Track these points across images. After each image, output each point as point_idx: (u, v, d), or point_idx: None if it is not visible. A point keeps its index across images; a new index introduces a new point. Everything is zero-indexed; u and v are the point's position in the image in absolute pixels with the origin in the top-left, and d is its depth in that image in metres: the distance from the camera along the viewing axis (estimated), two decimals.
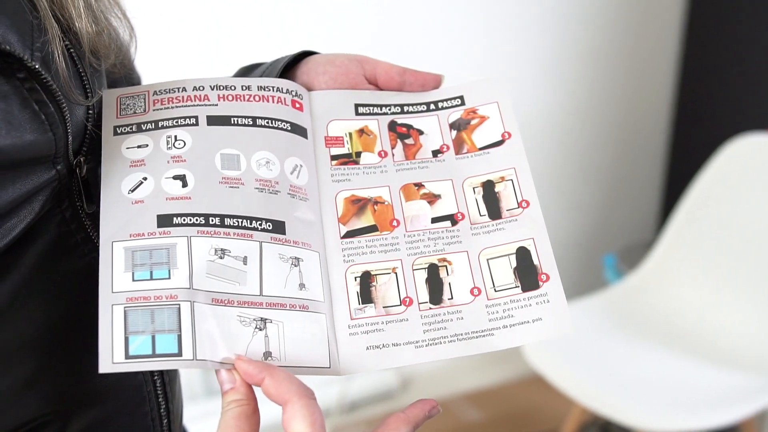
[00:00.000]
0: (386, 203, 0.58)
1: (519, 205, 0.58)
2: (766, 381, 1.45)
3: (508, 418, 1.96)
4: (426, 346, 0.53)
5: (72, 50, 0.51)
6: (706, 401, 1.44)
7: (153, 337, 0.48)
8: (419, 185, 0.59)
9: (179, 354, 0.47)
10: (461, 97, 0.63)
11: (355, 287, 0.55)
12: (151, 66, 0.80)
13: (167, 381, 0.58)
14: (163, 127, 0.56)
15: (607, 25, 1.96)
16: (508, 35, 1.86)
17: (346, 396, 1.92)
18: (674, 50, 2.07)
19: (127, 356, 0.47)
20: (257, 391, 0.49)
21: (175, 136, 0.56)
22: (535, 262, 0.55)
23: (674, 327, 1.66)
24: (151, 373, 0.57)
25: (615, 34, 1.98)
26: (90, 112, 0.53)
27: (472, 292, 0.55)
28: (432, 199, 0.59)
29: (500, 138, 0.61)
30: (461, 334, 0.54)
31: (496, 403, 1.99)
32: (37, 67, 0.47)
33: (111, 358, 0.47)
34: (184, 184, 0.54)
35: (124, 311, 0.48)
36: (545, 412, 1.96)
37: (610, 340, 1.62)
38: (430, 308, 0.55)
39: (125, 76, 0.65)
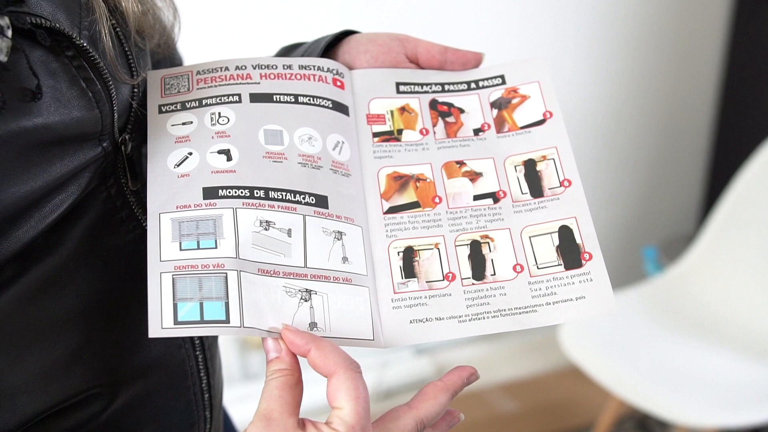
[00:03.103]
0: (428, 180, 0.59)
1: (561, 184, 0.58)
2: None
3: (543, 410, 1.95)
4: (469, 320, 0.54)
5: (118, 29, 0.52)
6: (747, 397, 1.41)
7: (201, 304, 0.49)
8: (461, 163, 0.59)
9: (227, 321, 0.48)
10: (502, 76, 0.63)
11: (398, 262, 0.56)
12: (193, 48, 0.80)
13: (209, 357, 0.59)
14: (206, 105, 0.57)
15: (651, 11, 1.93)
16: (549, 20, 1.84)
17: (382, 383, 1.93)
18: (720, 39, 2.03)
19: (176, 322, 0.48)
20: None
21: (219, 113, 0.56)
22: (578, 240, 0.55)
23: (715, 321, 1.63)
24: (194, 348, 0.58)
25: (659, 21, 1.95)
26: (135, 90, 0.54)
27: (514, 268, 0.55)
28: (474, 176, 0.59)
29: (541, 117, 0.61)
30: (504, 310, 0.54)
31: (532, 394, 1.98)
32: (85, 45, 0.47)
33: (160, 323, 0.48)
34: (229, 158, 0.54)
35: (173, 279, 0.49)
36: (582, 403, 1.94)
37: (649, 332, 1.60)
38: (473, 284, 0.55)
39: (168, 56, 0.66)
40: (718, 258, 1.69)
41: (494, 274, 0.55)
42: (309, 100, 0.58)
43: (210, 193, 0.53)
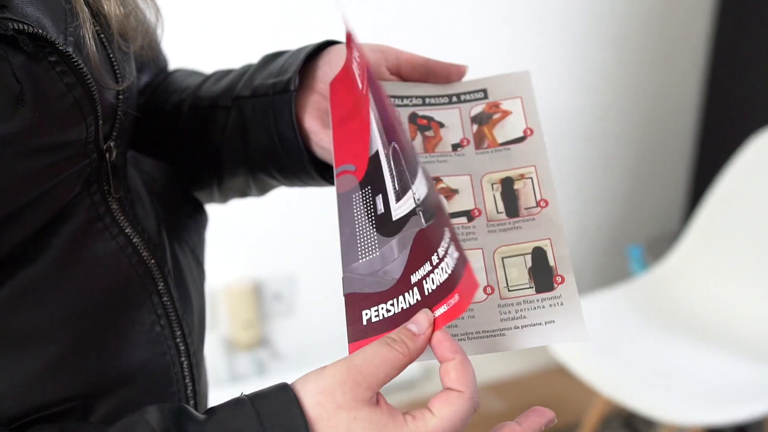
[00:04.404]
0: None
1: (537, 204, 0.56)
2: None
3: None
4: None
5: (101, 34, 0.52)
6: (731, 394, 1.42)
7: None
8: (437, 179, 0.58)
9: None
10: (484, 90, 0.61)
11: None
12: (180, 49, 0.80)
13: (194, 363, 0.59)
14: None
15: (635, 12, 1.94)
16: (534, 21, 1.85)
17: None
18: (704, 39, 2.04)
19: None
20: None
21: None
22: (551, 263, 0.53)
23: (700, 319, 1.64)
24: (179, 354, 0.57)
25: (643, 22, 1.96)
26: (120, 96, 0.54)
27: (485, 290, 0.53)
28: (449, 194, 0.57)
29: (522, 134, 0.59)
30: (471, 333, 0.52)
31: (519, 394, 1.99)
32: (69, 50, 0.47)
33: None
34: None
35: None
36: (568, 403, 1.95)
37: (634, 331, 1.61)
38: None
39: (153, 59, 0.66)
40: (702, 257, 1.70)
41: None
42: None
43: None
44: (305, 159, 0.61)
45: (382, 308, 0.50)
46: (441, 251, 0.48)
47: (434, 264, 0.48)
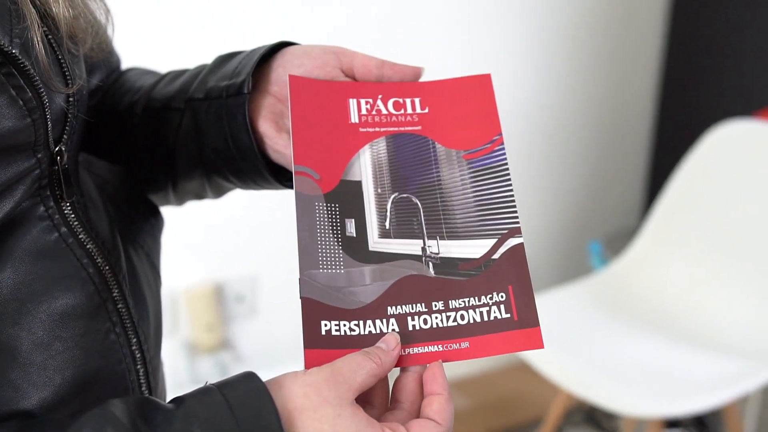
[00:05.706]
0: None
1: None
2: (749, 365, 1.46)
3: (494, 405, 1.97)
4: None
5: (50, 37, 0.51)
6: (690, 386, 1.44)
7: None
8: None
9: None
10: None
11: None
12: (130, 48, 0.78)
13: (150, 370, 0.58)
14: None
15: (591, 9, 1.96)
16: (493, 22, 1.86)
17: None
18: (659, 36, 2.08)
19: None
20: None
21: None
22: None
23: (659, 313, 1.67)
24: (134, 362, 0.56)
25: (599, 19, 1.99)
26: (71, 99, 0.53)
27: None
28: None
29: None
30: None
31: (482, 390, 2.00)
32: (14, 52, 0.46)
33: None
34: None
35: None
36: (531, 398, 1.97)
37: (595, 326, 1.62)
38: None
39: (104, 60, 0.64)
40: (660, 251, 1.73)
41: None
42: None
43: None
44: (260, 162, 0.60)
45: (345, 325, 0.52)
46: (457, 303, 0.53)
47: (435, 309, 0.53)
